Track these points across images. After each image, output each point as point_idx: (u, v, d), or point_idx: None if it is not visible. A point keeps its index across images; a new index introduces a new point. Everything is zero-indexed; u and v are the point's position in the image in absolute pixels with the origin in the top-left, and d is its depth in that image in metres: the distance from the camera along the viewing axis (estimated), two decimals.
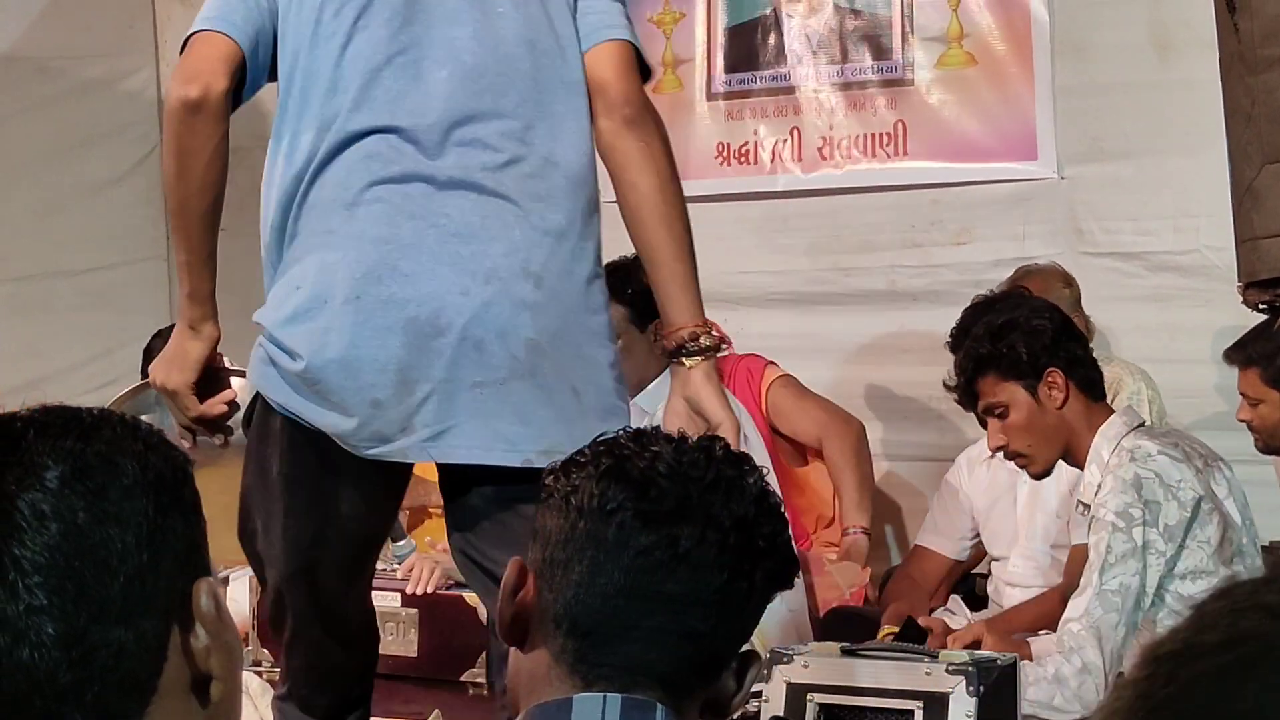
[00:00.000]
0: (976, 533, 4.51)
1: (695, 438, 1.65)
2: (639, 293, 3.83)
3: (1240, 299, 3.58)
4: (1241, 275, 3.54)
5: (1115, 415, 3.57)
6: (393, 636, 4.18)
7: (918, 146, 5.28)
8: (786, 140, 5.47)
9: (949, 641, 3.43)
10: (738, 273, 5.53)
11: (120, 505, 1.15)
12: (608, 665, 1.58)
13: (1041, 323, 3.56)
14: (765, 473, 1.68)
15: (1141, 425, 3.60)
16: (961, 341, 4.27)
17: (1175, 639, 0.90)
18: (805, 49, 5.44)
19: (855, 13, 5.36)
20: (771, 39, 5.50)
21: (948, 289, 5.07)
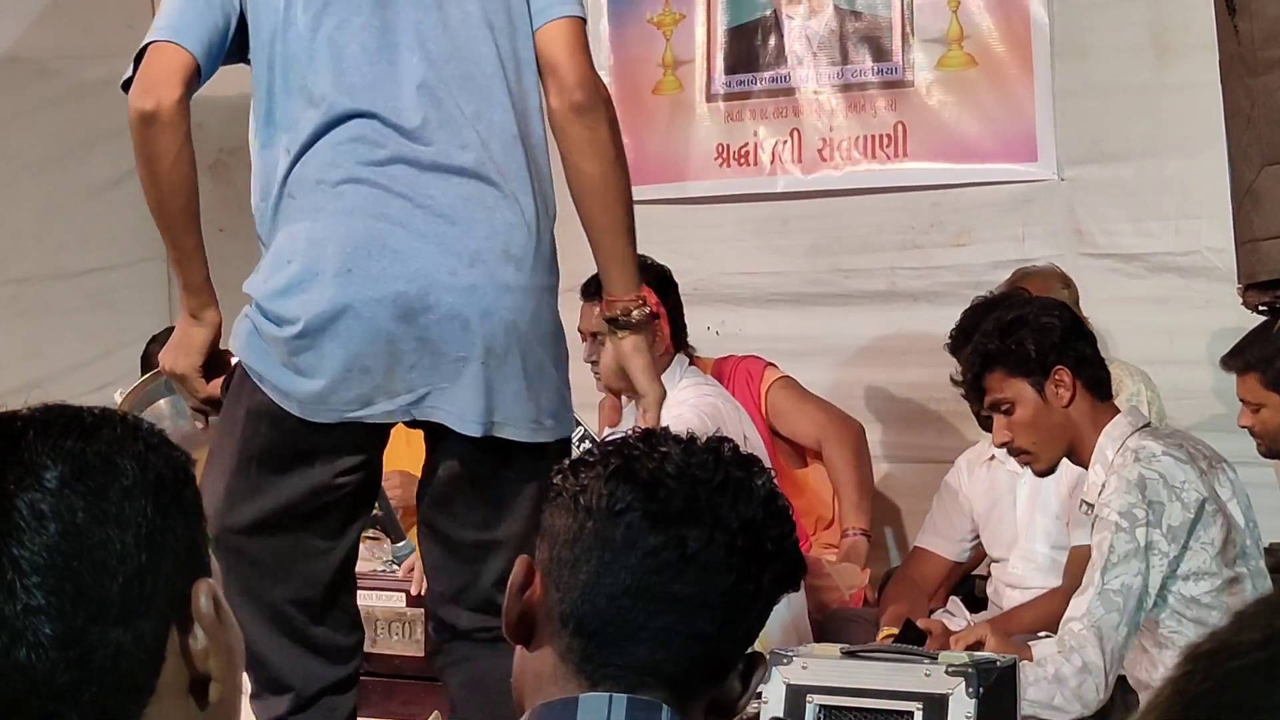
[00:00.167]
0: (976, 534, 4.51)
1: (704, 439, 1.65)
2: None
3: (1240, 300, 3.59)
4: (1241, 277, 3.54)
5: (1120, 415, 3.57)
6: (398, 637, 4.18)
7: (918, 148, 5.28)
8: (786, 141, 5.46)
9: (951, 642, 3.43)
10: (737, 274, 5.54)
11: (120, 506, 1.14)
12: (614, 665, 1.57)
13: (1051, 320, 3.56)
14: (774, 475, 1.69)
15: (1146, 426, 3.60)
16: (961, 342, 4.27)
17: (1215, 639, 0.92)
18: (805, 50, 5.43)
19: (855, 14, 5.35)
20: (771, 40, 5.49)
21: (947, 290, 5.07)
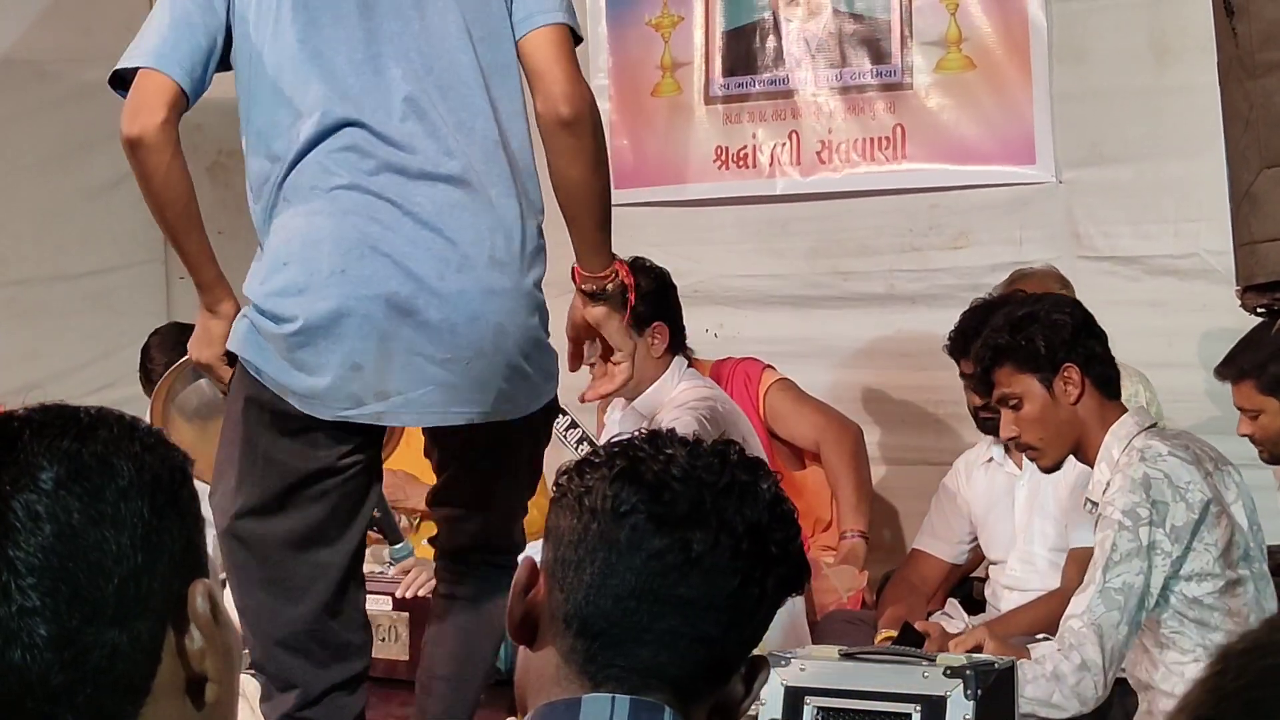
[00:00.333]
0: (974, 537, 4.51)
1: (709, 442, 1.65)
2: (638, 297, 3.88)
3: (1239, 303, 3.59)
4: (1240, 279, 3.54)
5: (1128, 414, 3.57)
6: (384, 640, 4.17)
7: (916, 150, 5.28)
8: (785, 144, 5.47)
9: (951, 645, 3.43)
10: (736, 276, 5.54)
11: (116, 506, 1.14)
12: (617, 667, 1.57)
13: (1062, 317, 3.56)
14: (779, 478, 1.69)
15: (1153, 426, 3.60)
16: (960, 344, 4.28)
17: (1247, 639, 0.97)
18: (804, 53, 5.43)
19: (854, 16, 5.36)
20: (770, 43, 5.49)
21: (946, 292, 5.07)
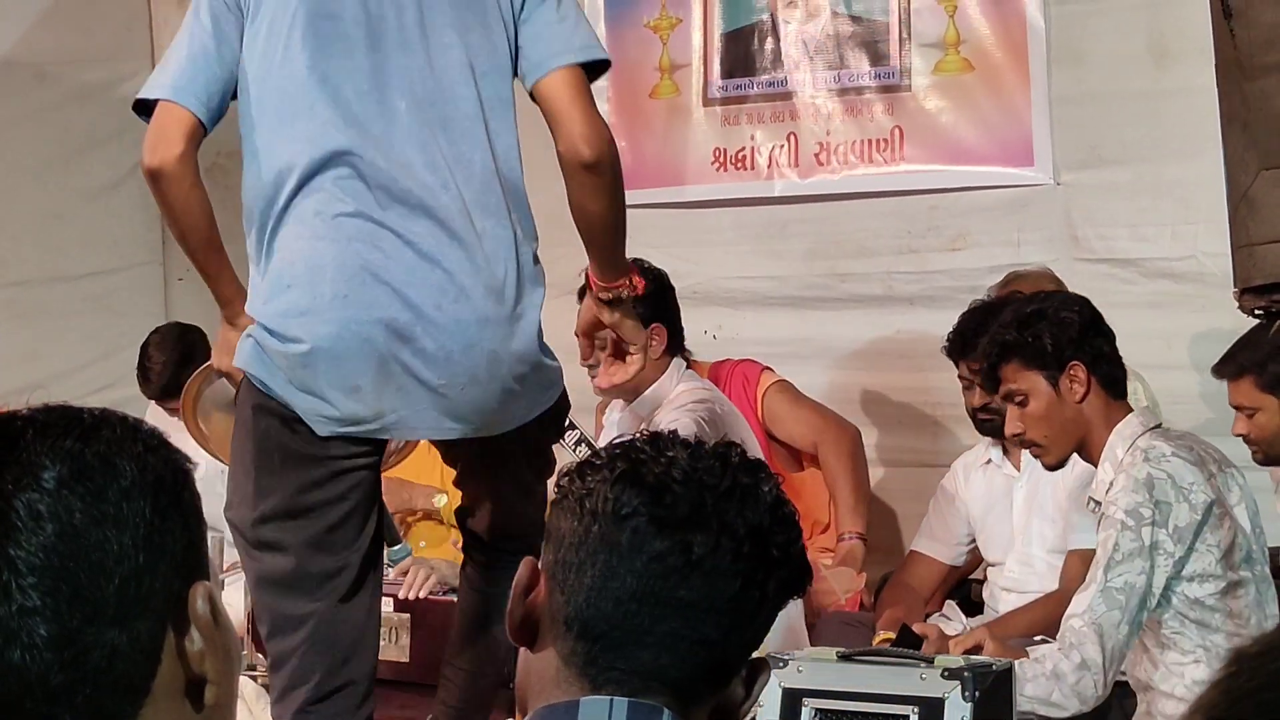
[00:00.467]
0: (972, 538, 4.51)
1: (711, 444, 1.65)
2: (635, 300, 3.88)
3: (1236, 305, 3.60)
4: (1237, 281, 3.54)
5: (1133, 414, 3.57)
6: (385, 642, 4.16)
7: (914, 152, 5.28)
8: (783, 146, 5.47)
9: (950, 646, 3.44)
10: (734, 278, 5.54)
11: (118, 507, 1.14)
12: (618, 669, 1.57)
13: (1070, 315, 3.56)
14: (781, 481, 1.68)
15: (1158, 427, 3.60)
16: (959, 346, 4.29)
17: (1260, 642, 1.00)
18: (802, 54, 5.43)
19: (852, 18, 5.36)
20: (768, 44, 5.49)
21: (944, 294, 5.07)
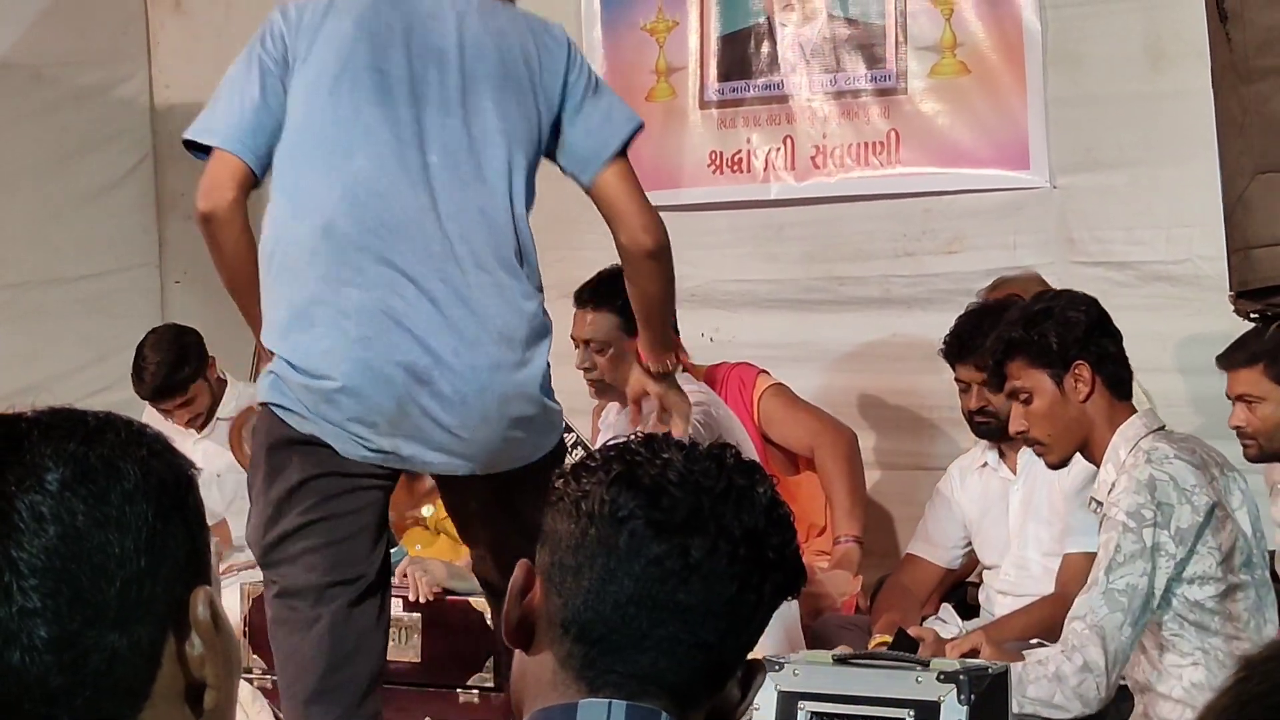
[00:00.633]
0: (968, 541, 4.51)
1: (705, 445, 1.64)
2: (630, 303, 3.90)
3: (1232, 309, 3.60)
4: (1233, 285, 3.55)
5: (1136, 415, 3.58)
6: (395, 643, 4.15)
7: (910, 155, 5.28)
8: (780, 149, 5.47)
9: (947, 650, 3.44)
10: (731, 281, 5.54)
11: (121, 510, 1.14)
12: (616, 673, 1.56)
13: (1077, 314, 3.57)
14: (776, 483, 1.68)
15: (1161, 429, 3.61)
16: (955, 349, 4.29)
17: (1271, 648, 1.02)
18: (798, 57, 5.44)
19: (849, 21, 5.36)
20: (765, 47, 5.50)
21: (940, 297, 5.07)
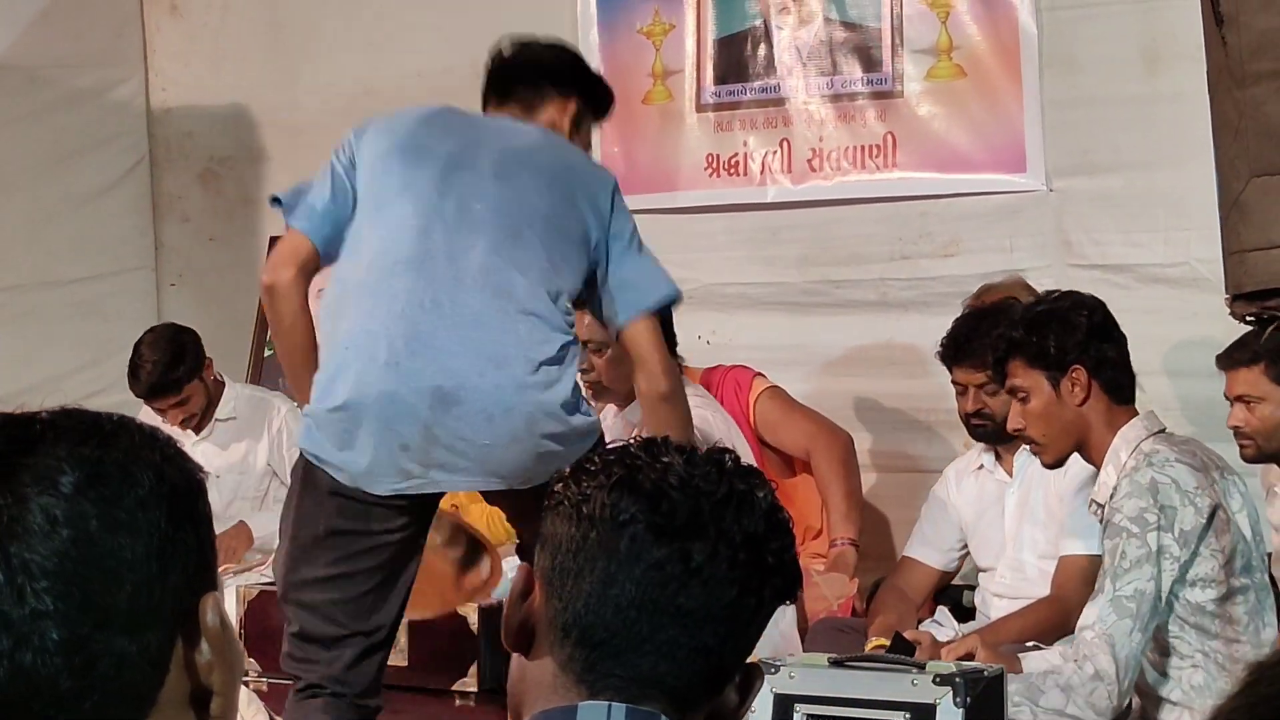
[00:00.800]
0: (964, 544, 4.51)
1: (705, 449, 1.64)
2: None
3: (1228, 311, 3.61)
4: (1229, 288, 3.56)
5: (1138, 418, 3.58)
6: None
7: (907, 158, 5.28)
8: (776, 152, 5.47)
9: (943, 653, 3.44)
10: (727, 283, 5.54)
11: (133, 515, 1.14)
12: (616, 676, 1.56)
13: (1079, 319, 3.57)
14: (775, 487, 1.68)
15: (1162, 431, 3.61)
16: (952, 352, 4.30)
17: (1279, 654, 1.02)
18: (795, 60, 5.44)
19: (845, 25, 5.36)
20: (761, 50, 5.50)
21: (937, 300, 5.08)
